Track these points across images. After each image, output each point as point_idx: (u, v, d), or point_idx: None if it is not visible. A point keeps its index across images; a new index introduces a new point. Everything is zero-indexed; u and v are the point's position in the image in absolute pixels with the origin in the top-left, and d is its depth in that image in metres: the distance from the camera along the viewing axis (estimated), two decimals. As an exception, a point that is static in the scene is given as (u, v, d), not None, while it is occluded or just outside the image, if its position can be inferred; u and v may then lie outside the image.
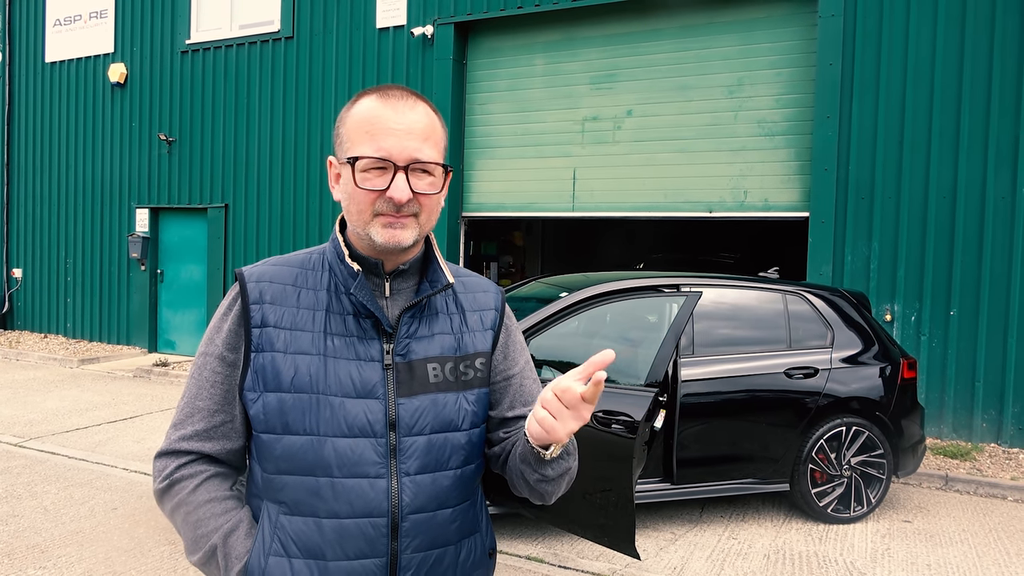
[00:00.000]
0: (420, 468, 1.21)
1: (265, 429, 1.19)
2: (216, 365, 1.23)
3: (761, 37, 7.58)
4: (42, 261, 11.99)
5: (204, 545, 1.20)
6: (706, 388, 4.61)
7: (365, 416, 1.19)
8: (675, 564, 4.15)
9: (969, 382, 6.63)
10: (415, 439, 1.21)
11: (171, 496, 1.23)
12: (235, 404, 1.23)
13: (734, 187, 7.70)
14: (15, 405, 7.51)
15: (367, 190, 1.17)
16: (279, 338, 1.20)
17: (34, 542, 4.16)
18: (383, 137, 1.16)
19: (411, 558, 1.21)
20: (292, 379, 1.18)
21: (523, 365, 1.40)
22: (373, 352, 1.22)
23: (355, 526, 1.18)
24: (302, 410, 1.17)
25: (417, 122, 1.19)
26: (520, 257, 14.12)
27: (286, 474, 1.19)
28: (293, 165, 9.82)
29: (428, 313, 1.28)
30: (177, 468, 1.22)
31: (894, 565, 4.19)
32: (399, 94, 1.20)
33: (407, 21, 9.02)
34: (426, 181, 1.20)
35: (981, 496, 5.55)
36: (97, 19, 11.29)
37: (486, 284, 1.40)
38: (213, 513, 1.21)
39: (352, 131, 1.20)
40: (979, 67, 6.58)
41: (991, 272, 6.53)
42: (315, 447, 1.17)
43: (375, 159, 1.16)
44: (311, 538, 1.18)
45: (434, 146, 1.21)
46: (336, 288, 1.24)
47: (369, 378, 1.20)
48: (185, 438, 1.23)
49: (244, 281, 1.24)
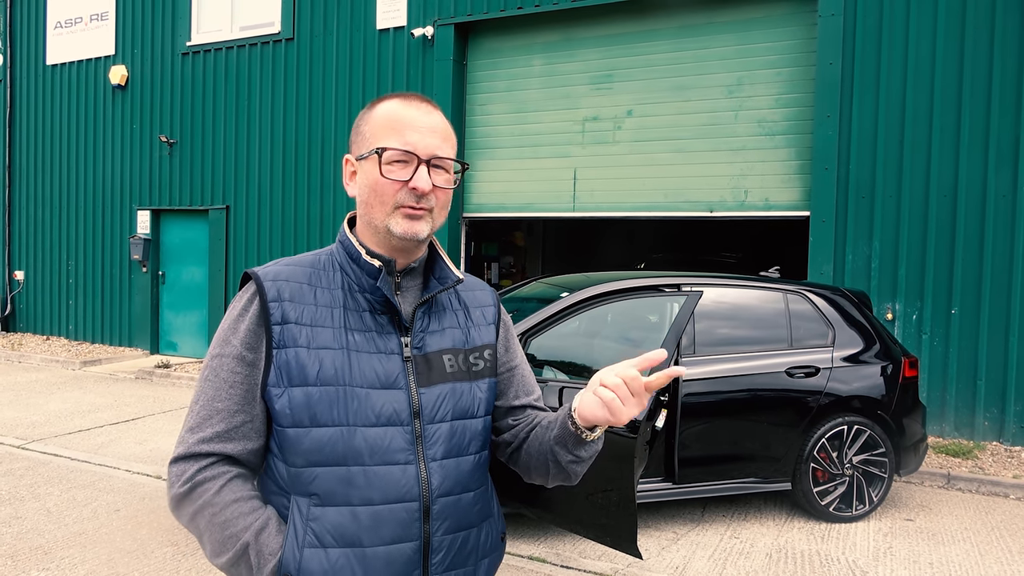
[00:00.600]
0: (445, 453, 1.28)
1: (292, 423, 1.21)
2: (234, 365, 1.24)
3: (760, 37, 7.59)
4: (44, 263, 12.01)
5: (234, 545, 1.20)
6: (707, 387, 4.61)
7: (391, 406, 1.24)
8: (677, 563, 4.15)
9: (971, 380, 6.63)
10: (438, 426, 1.28)
11: (193, 499, 1.22)
12: (255, 403, 1.24)
13: (734, 187, 7.70)
14: (18, 407, 7.52)
15: (392, 180, 1.24)
16: (301, 334, 1.23)
17: (37, 544, 4.16)
18: (409, 132, 1.25)
19: (442, 540, 1.26)
20: (318, 373, 1.22)
21: (521, 357, 1.51)
22: (392, 345, 1.28)
23: (389, 511, 1.22)
24: (329, 402, 1.21)
25: (438, 123, 1.29)
26: (521, 257, 14.12)
27: (317, 466, 1.21)
28: (294, 166, 9.83)
29: (437, 309, 1.36)
30: (199, 471, 1.22)
31: (896, 564, 4.19)
32: (419, 100, 1.30)
33: (407, 22, 9.03)
34: (443, 177, 1.29)
35: (983, 494, 5.55)
36: (98, 21, 11.30)
37: (481, 284, 1.50)
38: (241, 512, 1.21)
39: (377, 127, 1.27)
40: (979, 65, 6.58)
41: (992, 270, 6.53)
42: (345, 437, 1.21)
43: (401, 151, 1.24)
44: (347, 527, 1.20)
45: (451, 147, 1.31)
46: (350, 287, 1.30)
47: (391, 370, 1.26)
48: (205, 440, 1.23)
49: (260, 280, 1.27)
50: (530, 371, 1.52)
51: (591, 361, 4.68)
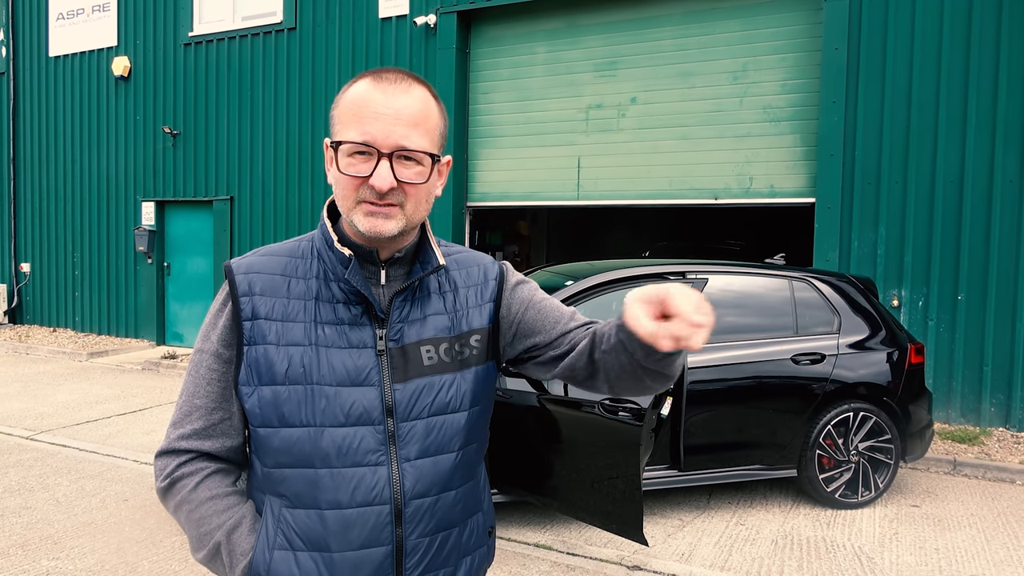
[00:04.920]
0: (420, 452, 1.20)
1: (261, 423, 1.18)
2: (212, 362, 1.22)
3: (765, 22, 7.53)
4: (50, 255, 12.04)
5: (208, 543, 1.20)
6: (713, 375, 4.61)
7: (361, 404, 1.17)
8: (683, 550, 4.16)
9: (977, 366, 6.61)
10: (413, 424, 1.20)
11: (173, 495, 1.22)
12: (233, 401, 1.22)
13: (740, 173, 7.67)
14: (26, 399, 7.57)
15: (350, 176, 1.14)
16: (271, 330, 1.18)
17: (47, 533, 4.20)
18: (369, 122, 1.12)
19: (417, 543, 1.21)
20: (286, 371, 1.16)
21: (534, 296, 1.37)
22: (366, 339, 1.20)
23: (358, 515, 1.17)
24: (297, 402, 1.16)
25: (407, 107, 1.14)
26: (525, 246, 14.12)
27: (285, 467, 1.17)
28: (297, 156, 9.82)
29: (420, 295, 1.26)
30: (177, 467, 1.22)
31: (902, 549, 4.20)
32: (393, 77, 1.15)
33: (410, 10, 8.99)
34: (413, 170, 1.15)
35: (989, 480, 5.54)
36: (100, 12, 11.28)
37: (480, 257, 1.37)
38: (215, 510, 1.20)
39: (342, 114, 1.16)
40: (986, 49, 6.52)
41: (999, 256, 6.49)
42: (312, 438, 1.16)
43: (359, 144, 1.12)
44: (314, 530, 1.17)
45: (425, 133, 1.15)
46: (325, 275, 1.22)
47: (363, 365, 1.18)
48: (184, 437, 1.22)
49: (232, 274, 1.22)
50: (558, 304, 1.38)
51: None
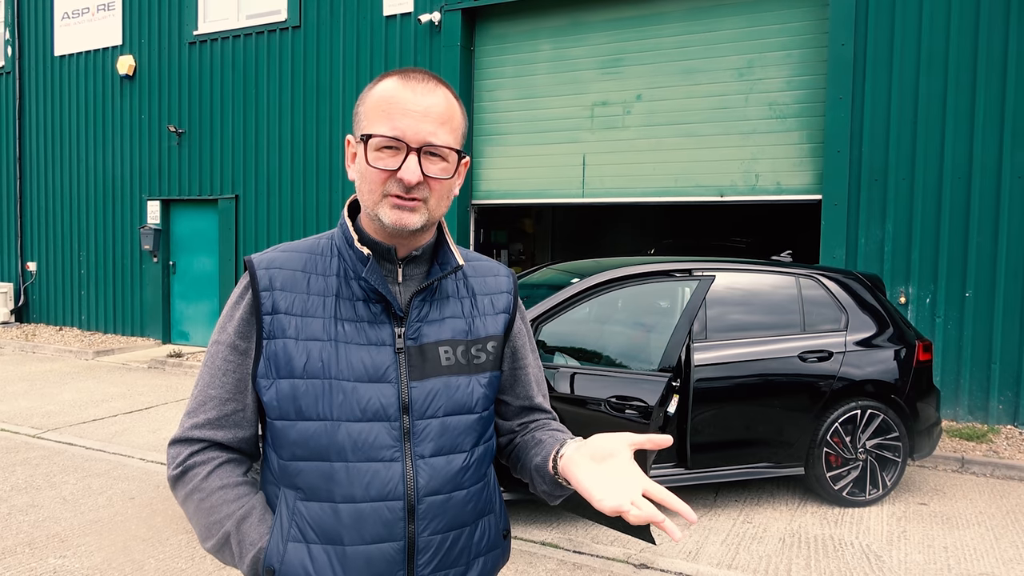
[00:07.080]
0: (435, 451, 1.22)
1: (279, 416, 1.20)
2: (228, 354, 1.23)
3: (770, 18, 7.49)
4: (56, 254, 12.08)
5: (217, 532, 1.21)
6: (719, 373, 4.59)
7: (378, 400, 1.19)
8: (690, 548, 4.15)
9: (985, 364, 6.57)
10: (429, 422, 1.22)
11: (184, 483, 1.23)
12: (247, 392, 1.24)
13: (745, 171, 7.64)
14: (33, 397, 7.59)
15: (379, 169, 1.17)
16: (290, 325, 1.20)
17: (54, 531, 4.21)
18: (399, 117, 1.16)
19: (429, 540, 1.22)
20: (304, 365, 1.19)
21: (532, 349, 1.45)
22: (384, 336, 1.22)
23: (371, 510, 1.18)
24: (315, 396, 1.18)
25: (435, 106, 1.18)
26: (530, 244, 14.10)
27: (301, 460, 1.19)
28: (302, 154, 9.82)
29: (439, 297, 1.29)
30: (190, 455, 1.23)
31: (910, 547, 4.17)
32: (420, 77, 1.20)
33: (414, 8, 8.97)
34: (439, 166, 1.20)
35: (998, 478, 5.51)
36: (105, 11, 11.30)
37: (497, 267, 1.41)
38: (225, 500, 1.21)
39: (370, 110, 1.20)
40: (994, 44, 6.47)
41: (1007, 252, 6.45)
42: (329, 432, 1.18)
43: (388, 138, 1.16)
44: (328, 523, 1.18)
45: (450, 132, 1.20)
46: (346, 273, 1.25)
47: (381, 362, 1.21)
48: (197, 426, 1.24)
49: (253, 268, 1.24)
50: (539, 365, 1.47)
51: (602, 347, 4.66)
